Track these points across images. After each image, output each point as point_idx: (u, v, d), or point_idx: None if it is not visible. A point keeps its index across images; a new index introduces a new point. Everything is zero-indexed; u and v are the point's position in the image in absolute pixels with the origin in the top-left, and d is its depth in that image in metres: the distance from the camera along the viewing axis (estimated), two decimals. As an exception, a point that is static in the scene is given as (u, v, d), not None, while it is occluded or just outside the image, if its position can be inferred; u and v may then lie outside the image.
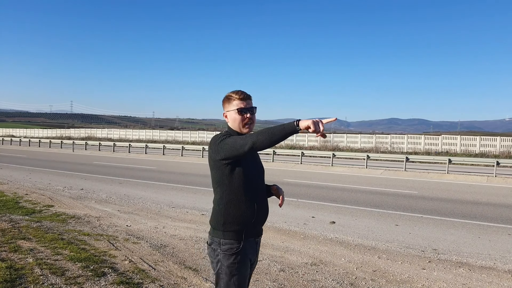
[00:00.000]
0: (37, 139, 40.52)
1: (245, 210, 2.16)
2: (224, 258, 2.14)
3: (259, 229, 2.29)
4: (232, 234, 2.15)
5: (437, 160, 19.98)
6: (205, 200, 9.84)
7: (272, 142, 1.95)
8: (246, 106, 2.22)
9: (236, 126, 2.23)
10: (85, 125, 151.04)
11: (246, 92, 2.25)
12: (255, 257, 2.30)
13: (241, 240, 2.15)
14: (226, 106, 2.28)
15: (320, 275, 4.51)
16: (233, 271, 2.12)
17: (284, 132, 1.91)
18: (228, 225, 2.16)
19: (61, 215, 7.35)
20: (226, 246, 2.15)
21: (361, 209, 9.12)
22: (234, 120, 2.22)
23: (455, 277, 4.63)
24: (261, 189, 2.27)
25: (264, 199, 2.27)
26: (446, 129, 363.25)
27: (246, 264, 2.18)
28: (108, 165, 19.96)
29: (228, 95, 2.27)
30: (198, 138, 43.77)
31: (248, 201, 2.16)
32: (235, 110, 2.22)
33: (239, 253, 2.14)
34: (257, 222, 2.21)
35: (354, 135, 39.50)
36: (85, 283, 3.84)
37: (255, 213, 2.18)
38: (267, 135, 1.93)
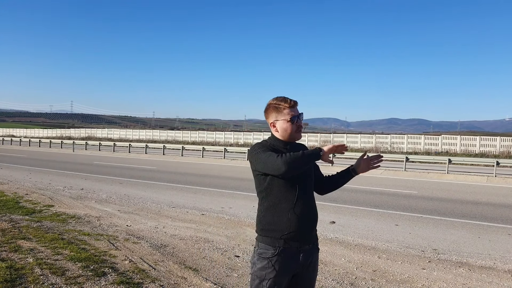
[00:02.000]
0: (37, 139, 40.55)
1: (281, 219, 2.11)
2: (258, 261, 2.13)
3: (302, 238, 2.15)
4: (268, 240, 2.12)
5: (437, 160, 19.98)
6: (205, 200, 9.84)
7: (303, 168, 2.06)
8: (296, 114, 2.18)
9: (288, 135, 2.19)
10: (85, 125, 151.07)
11: (293, 99, 2.20)
12: (303, 270, 2.18)
13: (276, 247, 2.10)
14: (274, 115, 2.20)
15: (320, 275, 4.51)
16: (263, 276, 2.10)
17: (311, 158, 2.05)
18: (264, 231, 2.15)
19: (61, 215, 7.36)
20: (261, 250, 2.14)
21: (361, 209, 9.12)
22: (285, 130, 2.17)
23: (455, 277, 4.63)
24: (304, 197, 2.16)
25: (307, 208, 2.16)
26: (446, 129, 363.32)
27: (280, 272, 2.10)
28: (108, 165, 19.96)
29: (276, 104, 2.19)
30: (198, 138, 43.77)
31: (285, 211, 2.11)
32: (285, 119, 2.16)
33: (272, 259, 2.10)
34: (296, 230, 2.11)
35: (354, 135, 39.51)
36: (85, 283, 3.84)
37: (293, 222, 2.10)
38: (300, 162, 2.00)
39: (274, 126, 2.21)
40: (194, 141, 42.21)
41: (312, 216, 2.20)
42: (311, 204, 2.20)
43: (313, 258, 2.23)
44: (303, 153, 2.01)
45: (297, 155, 1.99)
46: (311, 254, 2.21)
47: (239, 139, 40.85)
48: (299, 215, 2.12)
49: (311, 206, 2.20)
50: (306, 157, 2.01)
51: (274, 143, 2.21)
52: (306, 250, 2.17)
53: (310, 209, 2.19)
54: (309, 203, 2.19)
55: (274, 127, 2.21)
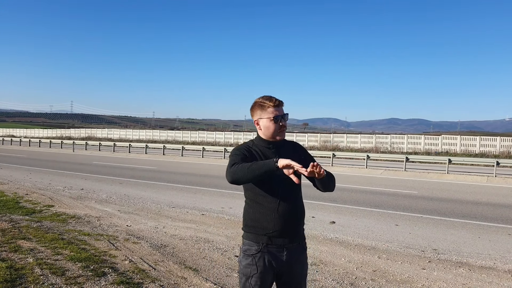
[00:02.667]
0: (37, 139, 40.55)
1: (264, 216, 2.12)
2: (243, 258, 2.16)
3: (285, 236, 2.14)
4: (251, 236, 2.15)
5: (437, 160, 19.98)
6: (205, 200, 9.85)
7: (249, 180, 2.01)
8: (280, 113, 2.19)
9: (270, 134, 2.20)
10: (85, 125, 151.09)
11: (278, 99, 2.21)
12: (287, 267, 2.17)
13: (260, 243, 2.12)
14: (258, 113, 2.21)
15: (320, 275, 4.51)
16: (248, 273, 2.12)
17: (263, 171, 1.95)
18: (248, 227, 2.18)
19: (61, 215, 7.36)
20: (246, 247, 2.16)
21: (361, 209, 9.12)
22: (267, 128, 2.19)
23: (455, 277, 4.63)
24: (289, 195, 2.16)
25: (292, 206, 2.16)
26: (446, 129, 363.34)
27: (264, 269, 2.11)
28: (108, 165, 19.96)
29: (261, 102, 2.20)
30: (198, 138, 43.77)
31: (269, 208, 2.12)
32: (269, 118, 2.17)
33: (255, 256, 2.12)
34: (281, 229, 2.12)
35: (354, 135, 39.52)
36: (85, 283, 3.84)
37: (276, 220, 2.11)
38: (245, 173, 1.97)
39: (258, 124, 2.22)
40: (194, 141, 42.21)
41: (296, 215, 2.19)
42: (296, 203, 2.19)
43: (300, 257, 2.22)
44: (250, 165, 1.96)
45: (244, 167, 1.98)
46: (296, 252, 2.20)
47: (239, 139, 40.85)
48: (283, 213, 2.12)
49: (295, 204, 2.19)
50: (253, 170, 1.94)
51: (258, 143, 2.23)
52: (291, 248, 2.17)
53: (295, 207, 2.18)
54: (294, 202, 2.18)
55: (258, 125, 2.23)
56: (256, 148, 2.21)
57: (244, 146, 2.22)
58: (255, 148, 2.21)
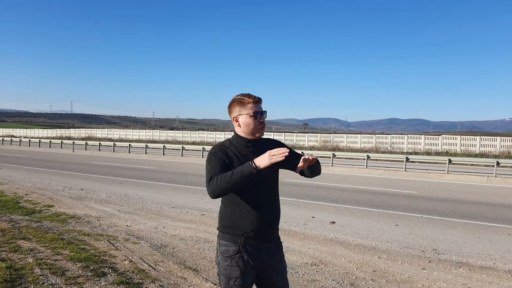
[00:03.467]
0: (37, 139, 40.53)
1: (240, 216, 2.10)
2: (221, 260, 2.13)
3: (263, 236, 2.14)
4: (228, 237, 2.12)
5: (437, 160, 19.98)
6: (205, 200, 9.84)
7: (232, 191, 2.00)
8: (259, 110, 2.16)
9: (249, 131, 2.15)
10: (85, 125, 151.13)
11: (257, 96, 2.18)
12: (267, 267, 2.15)
13: (237, 243, 2.10)
14: (237, 109, 2.16)
15: (320, 275, 4.51)
16: (229, 274, 2.09)
17: (243, 178, 1.93)
18: (225, 227, 2.15)
19: (61, 215, 7.35)
20: (223, 248, 2.13)
21: (361, 209, 9.11)
22: (247, 125, 2.14)
23: (455, 277, 4.63)
24: (265, 196, 2.15)
25: (267, 205, 2.15)
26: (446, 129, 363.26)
27: (244, 269, 2.09)
28: (108, 165, 19.96)
29: (240, 98, 2.16)
30: (198, 138, 43.77)
31: (244, 207, 2.10)
32: (248, 114, 2.13)
33: (234, 257, 2.09)
34: (257, 228, 2.10)
35: (354, 135, 39.51)
36: (85, 283, 3.84)
37: (252, 219, 2.09)
38: (226, 187, 1.94)
39: (237, 121, 2.17)
40: (194, 141, 42.21)
41: (273, 215, 2.19)
42: (272, 203, 2.18)
43: (278, 254, 2.22)
44: (230, 178, 1.93)
45: (223, 180, 1.94)
46: (273, 252, 2.20)
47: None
48: (260, 213, 2.11)
49: (272, 204, 2.18)
50: (233, 181, 1.93)
51: (236, 141, 2.17)
52: (267, 248, 2.17)
53: (271, 207, 2.17)
54: (270, 202, 2.18)
55: (237, 122, 2.17)
56: (233, 149, 2.14)
57: (220, 147, 2.14)
58: (232, 149, 2.14)
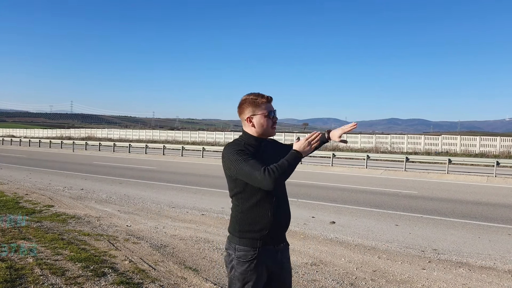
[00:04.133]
0: (37, 139, 40.53)
1: (260, 219, 2.10)
2: (237, 265, 2.11)
3: (279, 237, 2.17)
4: (247, 241, 2.11)
5: (437, 160, 19.98)
6: (205, 200, 9.84)
7: (288, 177, 2.03)
8: (272, 109, 2.18)
9: (263, 131, 2.15)
10: (85, 125, 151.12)
11: (269, 95, 2.19)
12: (279, 267, 2.18)
13: (256, 247, 2.09)
14: (250, 109, 2.15)
15: (320, 275, 4.51)
16: (246, 278, 2.08)
17: (296, 164, 2.01)
18: (243, 232, 2.12)
19: (61, 215, 7.35)
20: (241, 253, 2.11)
21: (361, 209, 9.12)
22: (261, 125, 2.14)
23: (455, 277, 4.63)
24: (280, 195, 2.17)
25: (283, 205, 2.18)
26: (446, 129, 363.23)
27: (261, 272, 2.10)
28: (108, 165, 19.96)
29: (253, 99, 2.15)
30: (198, 138, 43.76)
31: (263, 209, 2.10)
32: (263, 113, 2.14)
33: (253, 261, 2.09)
34: (275, 230, 2.12)
35: (354, 135, 39.48)
36: (85, 283, 3.84)
37: (271, 221, 2.10)
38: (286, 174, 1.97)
39: (251, 121, 2.16)
40: (194, 141, 42.19)
41: (288, 214, 2.22)
42: (286, 204, 2.22)
43: (287, 254, 2.26)
44: (289, 164, 1.98)
45: (284, 168, 1.96)
46: (285, 252, 2.23)
47: (239, 139, 40.79)
48: (278, 215, 2.13)
49: (286, 204, 2.22)
50: (292, 167, 1.99)
51: (248, 141, 2.16)
52: (282, 249, 2.20)
53: (286, 207, 2.20)
54: (285, 202, 2.21)
55: (250, 122, 2.16)
56: (249, 148, 2.13)
57: (239, 145, 2.13)
58: (249, 148, 2.13)
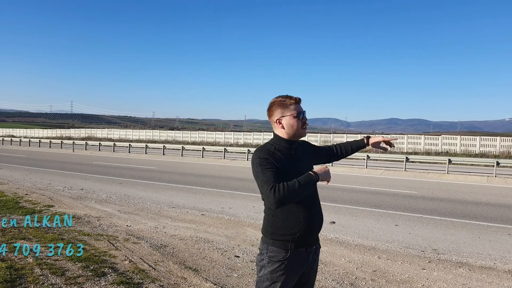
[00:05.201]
0: (37, 139, 40.53)
1: (292, 222, 2.12)
2: (268, 264, 2.13)
3: (311, 240, 2.19)
4: (279, 243, 2.13)
5: (437, 160, 19.98)
6: (205, 200, 9.84)
7: (297, 198, 2.03)
8: (301, 110, 2.21)
9: (293, 132, 2.18)
10: (85, 125, 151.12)
11: (297, 96, 2.22)
12: (309, 268, 2.22)
13: (288, 249, 2.12)
14: (280, 111, 2.19)
15: (320, 275, 4.51)
16: (275, 278, 2.11)
17: (309, 190, 2.03)
18: (275, 235, 2.15)
19: (61, 215, 7.35)
20: (273, 254, 2.14)
21: (361, 209, 9.12)
22: (291, 126, 2.17)
23: (455, 277, 4.63)
24: (311, 198, 2.19)
25: (314, 208, 2.20)
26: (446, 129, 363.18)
27: (290, 274, 2.12)
28: (108, 165, 19.96)
29: (281, 100, 2.19)
30: (198, 138, 43.76)
31: (295, 213, 2.12)
32: (292, 115, 2.17)
33: (284, 262, 2.11)
34: (307, 233, 2.14)
35: (354, 135, 39.50)
36: (85, 283, 3.84)
37: (303, 225, 2.12)
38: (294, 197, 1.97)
39: (280, 123, 2.19)
40: (194, 141, 42.19)
41: (320, 217, 2.24)
42: (318, 205, 2.25)
43: (318, 256, 2.31)
44: (299, 186, 1.98)
45: (293, 189, 1.95)
46: (316, 252, 2.27)
47: (239, 139, 40.85)
48: (309, 217, 2.15)
49: (318, 207, 2.25)
50: (303, 189, 1.99)
51: (279, 144, 2.19)
52: (313, 250, 2.23)
53: (318, 210, 2.24)
54: (317, 204, 2.24)
55: (280, 124, 2.19)
56: (278, 153, 2.15)
57: (268, 151, 2.13)
58: (278, 153, 2.15)
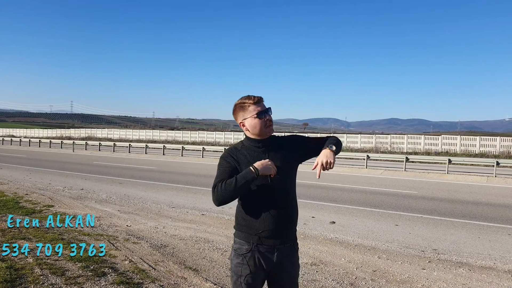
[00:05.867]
0: (37, 139, 40.53)
1: (256, 216, 2.12)
2: (234, 257, 2.18)
3: (277, 236, 2.13)
4: (243, 235, 2.16)
5: (437, 160, 19.97)
6: (205, 200, 9.84)
7: (236, 197, 2.10)
8: (263, 109, 2.18)
9: (257, 131, 2.17)
10: (85, 125, 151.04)
11: (257, 95, 2.20)
12: (278, 267, 2.15)
13: (251, 243, 2.13)
14: (241, 114, 2.20)
15: (320, 275, 4.51)
16: (239, 272, 2.13)
17: (247, 184, 2.04)
18: (240, 226, 2.19)
19: (61, 215, 7.35)
20: (237, 246, 2.18)
21: (361, 209, 9.12)
22: (254, 126, 2.17)
23: (455, 277, 4.63)
24: (282, 196, 2.15)
25: (284, 207, 2.15)
26: (446, 129, 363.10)
27: (254, 269, 2.12)
28: (108, 165, 19.96)
29: (241, 103, 2.20)
30: (198, 138, 43.76)
31: (260, 207, 2.12)
32: (252, 116, 2.16)
33: (246, 255, 2.12)
34: (272, 229, 2.11)
35: (354, 135, 39.51)
36: (85, 283, 3.84)
37: (268, 221, 2.11)
38: (231, 194, 2.04)
39: (244, 126, 2.21)
40: (194, 141, 42.20)
41: (289, 216, 2.18)
42: (289, 202, 2.18)
43: (291, 258, 2.21)
44: (236, 183, 2.03)
45: (227, 188, 2.03)
46: (287, 253, 2.18)
47: (239, 139, 40.81)
48: (275, 214, 2.12)
49: (288, 205, 2.18)
50: (241, 185, 2.03)
51: (247, 144, 2.22)
52: (282, 249, 2.16)
53: (287, 208, 2.17)
54: (287, 202, 2.17)
55: (244, 127, 2.21)
56: (245, 151, 2.18)
57: (231, 151, 2.20)
58: (244, 152, 2.18)
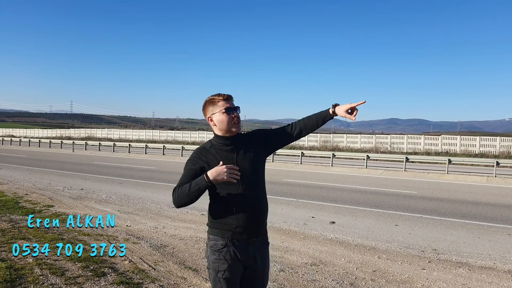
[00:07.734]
0: (37, 139, 40.51)
1: (227, 212, 2.17)
2: (210, 254, 2.20)
3: (249, 231, 2.18)
4: (217, 231, 2.20)
5: (437, 160, 19.97)
6: (205, 200, 9.83)
7: (194, 201, 2.14)
8: (232, 106, 2.21)
9: (224, 127, 2.20)
10: (85, 125, 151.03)
11: (227, 94, 2.25)
12: (252, 261, 2.20)
13: (225, 238, 2.16)
14: (210, 109, 2.24)
15: (320, 275, 4.51)
16: (217, 268, 2.16)
17: (200, 191, 2.10)
18: (213, 223, 2.23)
19: (61, 215, 7.35)
20: (212, 242, 2.21)
21: (361, 209, 9.12)
22: (221, 122, 2.19)
23: (455, 277, 4.63)
24: (250, 191, 2.18)
25: (253, 202, 2.19)
26: (446, 129, 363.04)
27: (232, 263, 2.15)
28: (108, 165, 19.95)
29: (211, 98, 2.24)
30: (198, 138, 43.76)
31: (230, 203, 2.16)
32: (221, 111, 2.19)
33: (222, 251, 2.16)
34: (244, 224, 2.15)
35: (354, 135, 39.50)
36: (85, 283, 3.84)
37: (239, 216, 2.15)
38: (188, 198, 2.11)
39: (212, 120, 2.24)
40: (194, 141, 42.19)
41: (259, 211, 2.23)
42: (258, 197, 2.23)
43: (263, 251, 2.27)
44: (189, 189, 2.09)
45: (183, 192, 2.10)
46: (259, 247, 2.25)
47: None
48: (246, 209, 2.16)
49: (258, 200, 2.22)
50: (194, 192, 2.09)
51: (215, 142, 2.24)
52: (255, 243, 2.22)
53: (258, 203, 2.22)
54: (257, 198, 2.22)
55: (212, 121, 2.24)
56: (213, 151, 2.21)
57: (200, 152, 2.24)
58: (213, 151, 2.21)
